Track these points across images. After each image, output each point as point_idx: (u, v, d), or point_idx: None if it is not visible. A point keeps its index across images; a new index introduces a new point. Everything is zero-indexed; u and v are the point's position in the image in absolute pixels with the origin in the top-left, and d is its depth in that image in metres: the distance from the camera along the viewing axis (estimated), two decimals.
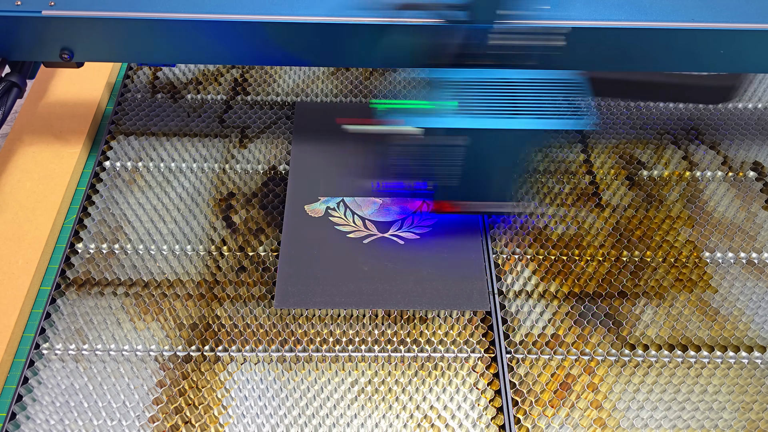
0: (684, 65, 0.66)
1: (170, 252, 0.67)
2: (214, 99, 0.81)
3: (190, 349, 0.60)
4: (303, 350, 0.60)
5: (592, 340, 0.62)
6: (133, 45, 0.65)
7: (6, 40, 0.64)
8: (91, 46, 0.65)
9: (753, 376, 0.60)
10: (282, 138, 0.77)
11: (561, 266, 0.66)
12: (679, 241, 0.69)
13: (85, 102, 0.79)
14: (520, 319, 0.63)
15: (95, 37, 0.64)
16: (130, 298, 0.63)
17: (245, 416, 0.57)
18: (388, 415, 0.57)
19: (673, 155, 0.76)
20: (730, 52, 0.64)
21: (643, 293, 0.65)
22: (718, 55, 0.64)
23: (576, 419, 0.57)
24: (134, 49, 0.66)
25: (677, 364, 0.60)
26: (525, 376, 0.59)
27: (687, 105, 0.82)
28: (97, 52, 0.66)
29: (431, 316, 0.62)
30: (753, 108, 0.81)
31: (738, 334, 0.62)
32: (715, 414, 0.57)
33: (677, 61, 0.66)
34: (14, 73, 0.67)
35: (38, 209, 0.69)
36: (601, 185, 0.73)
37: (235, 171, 0.74)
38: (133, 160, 0.75)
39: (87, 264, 0.66)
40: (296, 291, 0.63)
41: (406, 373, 0.60)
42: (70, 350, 0.60)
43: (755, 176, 0.75)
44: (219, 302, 0.63)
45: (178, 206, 0.70)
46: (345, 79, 0.84)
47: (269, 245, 0.67)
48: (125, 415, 0.57)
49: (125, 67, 0.85)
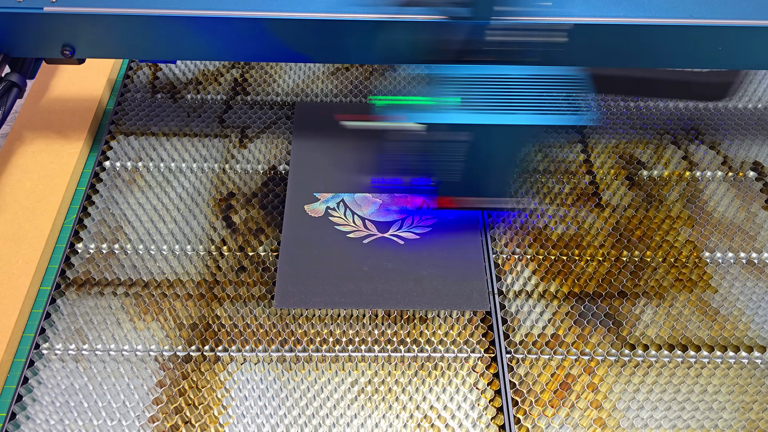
0: (683, 62, 0.66)
1: (170, 252, 0.67)
2: (214, 99, 0.81)
3: (190, 349, 0.60)
4: (303, 350, 0.60)
5: (592, 340, 0.62)
6: (135, 41, 0.65)
7: (7, 36, 0.64)
8: (92, 43, 0.65)
9: (753, 376, 0.60)
10: (282, 138, 0.77)
11: (561, 266, 0.66)
12: (679, 241, 0.69)
13: (85, 102, 0.79)
14: (520, 319, 0.63)
15: (97, 33, 0.64)
16: (130, 298, 0.63)
17: (245, 416, 0.57)
18: (388, 415, 0.57)
19: (673, 155, 0.76)
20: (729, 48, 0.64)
21: (643, 293, 0.65)
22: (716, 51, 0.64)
23: (576, 419, 0.57)
24: (135, 45, 0.66)
25: (677, 364, 0.60)
26: (525, 376, 0.59)
27: (687, 105, 0.82)
28: (99, 48, 0.66)
29: (431, 316, 0.62)
30: (753, 108, 0.81)
31: (738, 334, 0.62)
32: (715, 414, 0.57)
33: (676, 58, 0.66)
34: (14, 73, 0.67)
35: (38, 209, 0.69)
36: (601, 185, 0.73)
37: (235, 171, 0.74)
38: (133, 160, 0.75)
39: (87, 264, 0.66)
40: (296, 291, 0.63)
41: (406, 373, 0.60)
42: (70, 350, 0.60)
43: (755, 176, 0.75)
44: (219, 302, 0.63)
45: (178, 206, 0.70)
46: (345, 79, 0.84)
47: (269, 245, 0.67)
48: (125, 415, 0.57)
49: (125, 67, 0.85)
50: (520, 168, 0.61)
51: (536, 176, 0.72)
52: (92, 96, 0.80)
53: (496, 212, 0.70)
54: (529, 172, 0.61)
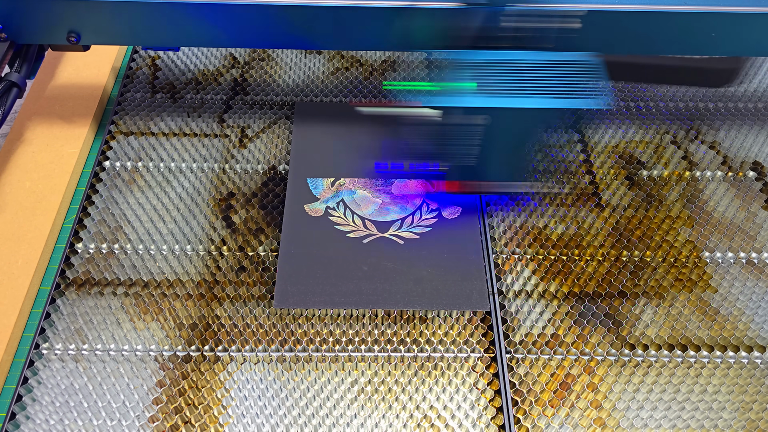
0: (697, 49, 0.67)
1: (170, 252, 0.67)
2: (214, 99, 0.81)
3: (189, 349, 0.60)
4: (303, 350, 0.60)
5: (591, 339, 0.62)
6: (140, 27, 0.66)
7: (14, 23, 0.64)
8: (98, 29, 0.66)
9: (753, 376, 0.60)
10: (282, 138, 0.77)
11: (561, 266, 0.66)
12: (678, 241, 0.69)
13: (85, 101, 0.79)
14: (519, 319, 0.63)
15: (102, 18, 0.65)
16: (129, 298, 0.63)
17: (245, 416, 0.57)
18: (388, 415, 0.57)
19: (673, 155, 0.76)
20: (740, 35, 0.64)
21: (643, 293, 0.65)
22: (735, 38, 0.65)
23: (576, 419, 0.57)
24: (141, 31, 0.66)
25: (677, 364, 0.60)
26: (525, 376, 0.59)
27: (687, 104, 0.82)
28: (104, 34, 0.67)
29: (431, 316, 0.62)
30: (753, 108, 0.81)
31: (738, 334, 0.62)
32: (715, 414, 0.57)
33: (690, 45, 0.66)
34: (14, 73, 0.67)
35: (38, 209, 0.69)
36: (601, 185, 0.73)
37: (234, 171, 0.74)
38: (133, 159, 0.75)
39: (87, 264, 0.66)
40: (296, 291, 0.63)
41: (405, 373, 0.60)
42: (70, 350, 0.60)
43: (755, 176, 0.74)
44: (219, 302, 0.63)
45: (178, 206, 0.70)
46: (345, 79, 0.84)
47: (269, 245, 0.67)
48: (125, 415, 0.57)
49: (125, 67, 0.85)
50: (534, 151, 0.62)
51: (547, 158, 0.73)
52: (93, 96, 0.80)
53: (496, 213, 0.70)
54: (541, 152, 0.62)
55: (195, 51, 0.87)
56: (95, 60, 0.83)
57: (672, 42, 0.66)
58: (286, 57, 0.86)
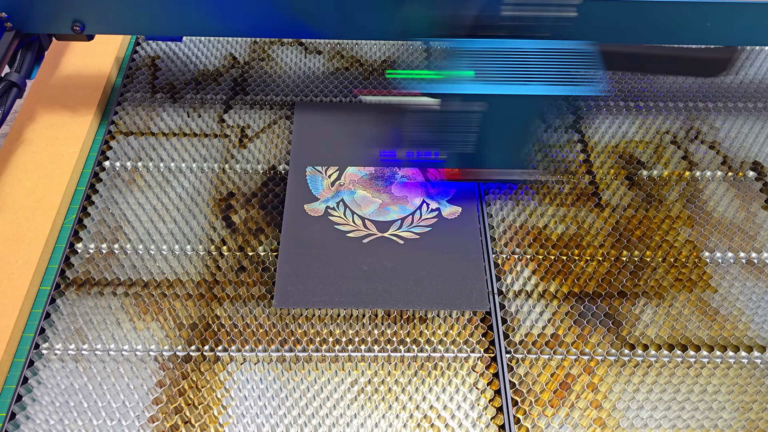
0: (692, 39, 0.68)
1: (170, 252, 0.67)
2: (214, 99, 0.81)
3: (189, 349, 0.60)
4: (303, 350, 0.60)
5: (591, 339, 0.62)
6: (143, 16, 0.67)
7: (19, 11, 0.65)
8: (102, 18, 0.67)
9: (753, 376, 0.60)
10: (282, 138, 0.77)
11: (561, 266, 0.66)
12: (678, 241, 0.69)
13: (85, 101, 0.79)
14: (519, 319, 0.63)
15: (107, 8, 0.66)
16: (129, 298, 0.63)
17: (245, 416, 0.57)
18: (388, 415, 0.57)
19: (672, 155, 0.76)
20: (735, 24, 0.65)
21: (643, 293, 0.65)
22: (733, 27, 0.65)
23: (576, 419, 0.57)
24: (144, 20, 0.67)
25: (677, 364, 0.60)
26: (525, 375, 0.59)
27: (687, 104, 0.82)
28: (109, 24, 0.67)
29: (431, 316, 0.62)
30: (753, 107, 0.81)
31: (738, 334, 0.62)
32: (715, 414, 0.57)
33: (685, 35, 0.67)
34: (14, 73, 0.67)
35: (38, 209, 0.69)
36: (600, 185, 0.73)
37: (234, 171, 0.74)
38: (133, 159, 0.75)
39: (87, 264, 0.66)
40: (296, 291, 0.63)
41: (405, 373, 0.60)
42: (70, 350, 0.60)
43: (755, 176, 0.74)
44: (219, 302, 0.63)
45: (177, 206, 0.70)
46: (345, 79, 0.84)
47: (269, 245, 0.67)
48: (125, 415, 0.57)
49: (126, 67, 0.85)
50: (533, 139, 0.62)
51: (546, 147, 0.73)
52: (93, 95, 0.79)
53: (496, 211, 0.70)
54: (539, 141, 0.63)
55: (195, 51, 0.87)
56: (95, 60, 0.83)
57: (667, 31, 0.66)
58: (286, 57, 0.86)
